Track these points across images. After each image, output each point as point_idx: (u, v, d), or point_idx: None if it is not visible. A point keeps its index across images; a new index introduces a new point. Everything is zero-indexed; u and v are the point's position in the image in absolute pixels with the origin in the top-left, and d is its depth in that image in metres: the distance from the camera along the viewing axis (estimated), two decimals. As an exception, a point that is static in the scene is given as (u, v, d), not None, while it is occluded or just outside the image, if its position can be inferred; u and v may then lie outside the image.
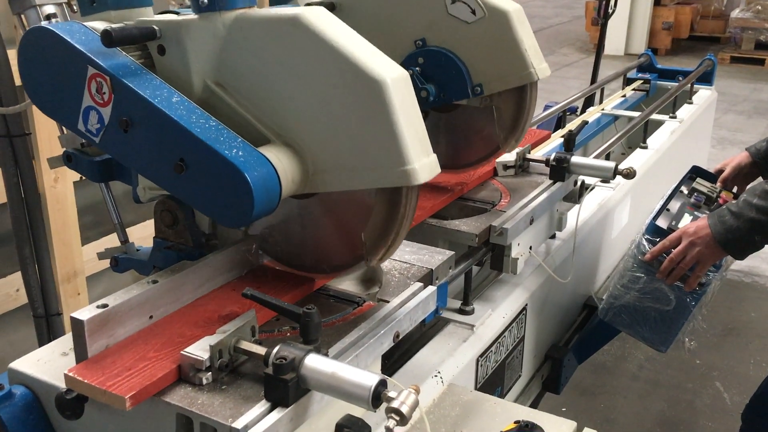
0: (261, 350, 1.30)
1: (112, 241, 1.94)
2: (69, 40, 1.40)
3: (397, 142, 1.31)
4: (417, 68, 2.12)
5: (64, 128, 1.85)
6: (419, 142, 1.35)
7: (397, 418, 1.18)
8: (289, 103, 1.39)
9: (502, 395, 2.24)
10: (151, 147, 1.38)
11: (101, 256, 1.89)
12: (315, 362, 1.24)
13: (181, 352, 1.31)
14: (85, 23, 1.48)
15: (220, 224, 1.57)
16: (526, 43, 2.03)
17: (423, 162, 1.34)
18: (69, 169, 1.74)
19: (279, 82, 1.39)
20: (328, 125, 1.37)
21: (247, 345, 1.34)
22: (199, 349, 1.31)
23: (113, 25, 1.42)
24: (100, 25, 1.45)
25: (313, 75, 1.35)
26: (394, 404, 1.18)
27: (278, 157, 1.37)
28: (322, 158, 1.40)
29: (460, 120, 2.31)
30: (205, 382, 1.30)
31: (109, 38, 1.37)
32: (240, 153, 1.31)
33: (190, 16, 1.44)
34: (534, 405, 2.58)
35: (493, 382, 2.15)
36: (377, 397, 1.20)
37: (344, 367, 1.23)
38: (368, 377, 1.21)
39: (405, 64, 2.12)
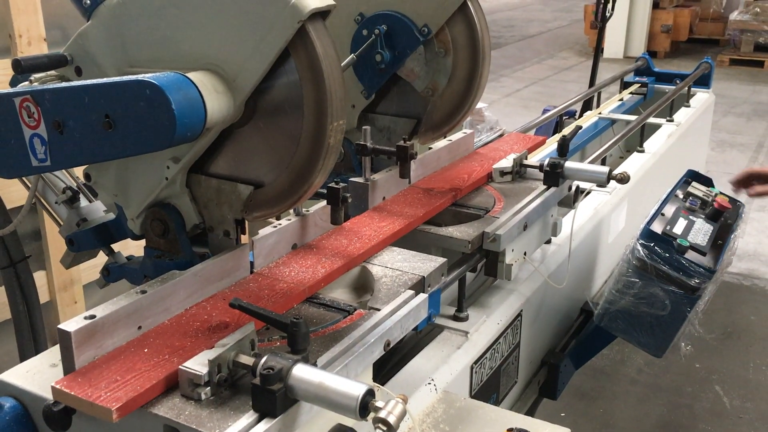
0: (249, 360, 1.29)
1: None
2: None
3: None
4: (368, 40, 2.26)
5: (60, 219, 1.99)
6: None
7: (385, 428, 1.17)
8: (191, 29, 1.50)
9: (497, 402, 2.23)
10: (82, 126, 1.44)
11: (100, 283, 1.93)
12: (302, 372, 1.23)
13: (179, 366, 1.30)
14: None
15: (154, 151, 1.56)
16: None
17: None
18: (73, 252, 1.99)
19: (177, 20, 1.52)
20: (224, 25, 1.48)
21: (245, 359, 1.31)
22: (198, 364, 1.29)
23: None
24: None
25: None
26: (382, 414, 1.18)
27: (195, 77, 1.44)
28: (233, 56, 1.48)
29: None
30: (203, 397, 1.28)
31: (18, 66, 1.53)
32: (149, 75, 1.39)
33: (84, 25, 1.59)
34: (531, 411, 2.56)
35: (488, 389, 2.15)
36: (364, 407, 1.19)
37: (331, 377, 1.23)
38: (355, 387, 1.20)
39: (356, 43, 2.28)
